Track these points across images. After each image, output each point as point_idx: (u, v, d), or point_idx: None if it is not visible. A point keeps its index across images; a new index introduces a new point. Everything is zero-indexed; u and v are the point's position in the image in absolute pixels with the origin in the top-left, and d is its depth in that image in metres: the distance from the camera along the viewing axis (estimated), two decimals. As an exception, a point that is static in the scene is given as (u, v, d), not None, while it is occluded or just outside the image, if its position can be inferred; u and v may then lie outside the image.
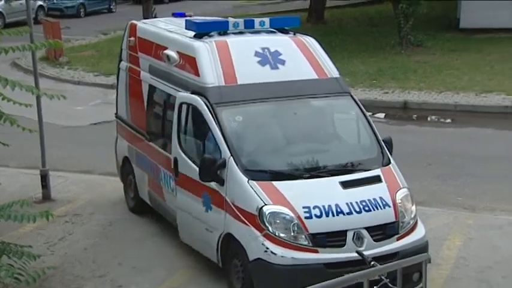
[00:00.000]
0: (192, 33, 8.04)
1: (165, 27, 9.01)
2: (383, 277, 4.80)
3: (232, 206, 6.86)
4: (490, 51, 20.03)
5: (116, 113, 10.16)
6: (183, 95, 7.70)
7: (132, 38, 9.36)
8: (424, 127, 14.26)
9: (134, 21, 9.68)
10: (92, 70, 20.36)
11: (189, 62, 7.77)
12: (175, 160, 7.70)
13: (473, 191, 10.17)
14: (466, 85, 16.55)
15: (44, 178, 9.96)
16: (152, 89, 8.81)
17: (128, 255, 8.17)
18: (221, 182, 6.97)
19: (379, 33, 23.79)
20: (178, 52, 8.05)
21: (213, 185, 7.08)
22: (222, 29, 7.93)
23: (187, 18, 8.98)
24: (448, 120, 14.75)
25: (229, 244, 6.96)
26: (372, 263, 4.82)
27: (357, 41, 22.97)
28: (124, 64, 9.78)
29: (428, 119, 15.01)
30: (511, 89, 15.82)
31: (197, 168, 7.12)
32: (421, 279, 6.49)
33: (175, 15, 9.74)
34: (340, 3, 31.60)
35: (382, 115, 15.02)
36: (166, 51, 8.24)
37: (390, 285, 4.59)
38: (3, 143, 7.28)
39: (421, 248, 6.77)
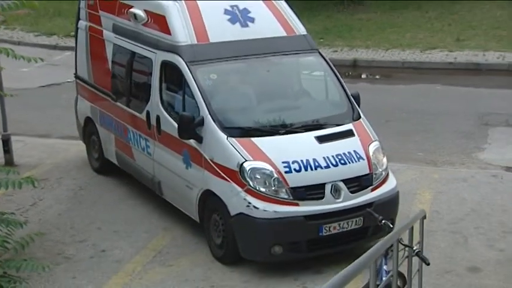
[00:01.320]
0: None
1: None
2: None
3: (211, 163, 6.91)
4: (427, 9, 20.35)
5: (76, 73, 9.87)
6: (163, 54, 7.58)
7: None
8: (376, 84, 14.49)
9: None
10: (32, 30, 19.64)
11: (159, 20, 7.69)
12: (158, 118, 7.64)
13: (432, 146, 10.47)
14: (410, 42, 16.90)
15: (6, 143, 9.66)
16: (118, 48, 8.63)
17: (105, 219, 8.05)
18: (199, 140, 7.02)
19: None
20: (145, 11, 7.94)
21: (192, 142, 7.10)
22: None
23: None
24: (398, 77, 15.00)
25: (208, 200, 7.04)
26: (383, 221, 4.93)
27: (299, -1, 22.92)
28: (83, 23, 9.49)
29: (378, 76, 15.27)
30: (452, 46, 16.29)
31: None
32: (393, 227, 6.51)
33: None
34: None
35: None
36: (132, 10, 8.11)
37: (402, 243, 4.70)
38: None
39: (394, 197, 7.12)
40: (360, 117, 7.48)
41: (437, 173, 9.20)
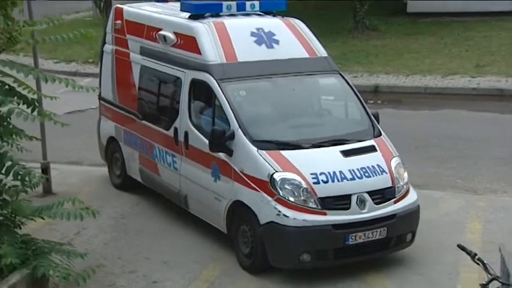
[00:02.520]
0: (185, 15, 8.31)
1: (154, 11, 9.21)
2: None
3: (241, 174, 7.14)
4: (442, 35, 20.36)
5: (100, 95, 9.96)
6: (193, 73, 7.87)
7: (119, 21, 9.43)
8: (400, 110, 14.35)
9: (120, 5, 9.70)
10: (51, 57, 19.56)
11: (189, 41, 7.99)
12: (186, 134, 7.91)
13: (469, 172, 10.31)
14: (429, 68, 16.82)
15: (45, 171, 9.46)
16: (145, 69, 8.89)
17: (152, 249, 7.85)
18: (230, 153, 7.26)
19: (332, 17, 23.80)
20: (175, 33, 8.26)
21: (221, 155, 7.34)
22: (216, 11, 8.22)
23: (172, 2, 9.54)
24: (421, 103, 14.87)
25: (237, 211, 7.25)
26: (476, 257, 4.75)
27: (312, 24, 22.62)
28: (109, 47, 9.73)
29: (402, 101, 15.15)
30: (472, 72, 16.21)
31: (207, 141, 7.40)
32: (413, 240, 7.37)
33: (157, 0, 10.02)
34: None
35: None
36: (162, 32, 8.40)
37: (500, 281, 4.51)
38: (36, 138, 6.83)
39: (415, 210, 7.34)
40: (380, 134, 7.74)
41: (482, 201, 9.03)
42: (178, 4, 8.81)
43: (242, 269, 7.28)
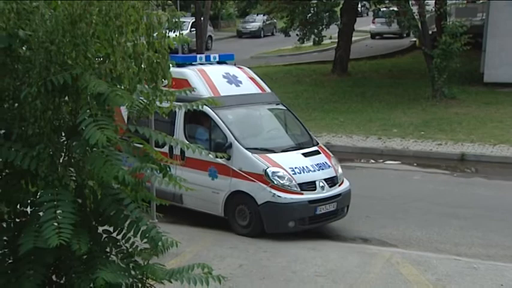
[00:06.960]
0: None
1: None
2: None
3: (239, 171, 9.77)
4: (525, 105, 19.70)
5: None
6: (187, 104, 9.96)
7: None
8: (492, 180, 13.66)
9: None
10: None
11: (181, 82, 9.84)
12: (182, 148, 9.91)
13: None
14: (517, 138, 16.14)
15: (151, 230, 9.23)
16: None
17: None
18: (227, 157, 9.74)
19: (408, 85, 23.46)
20: None
21: (219, 160, 9.41)
22: (192, 61, 10.93)
23: None
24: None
25: (235, 198, 9.82)
26: None
27: (389, 92, 22.57)
28: None
29: (492, 171, 14.44)
30: None
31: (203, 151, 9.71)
32: (347, 212, 10.41)
33: None
34: (356, 55, 31.06)
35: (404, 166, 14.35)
36: None
37: None
38: (163, 201, 6.60)
39: (349, 191, 10.38)
40: (318, 143, 10.82)
41: None
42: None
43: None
